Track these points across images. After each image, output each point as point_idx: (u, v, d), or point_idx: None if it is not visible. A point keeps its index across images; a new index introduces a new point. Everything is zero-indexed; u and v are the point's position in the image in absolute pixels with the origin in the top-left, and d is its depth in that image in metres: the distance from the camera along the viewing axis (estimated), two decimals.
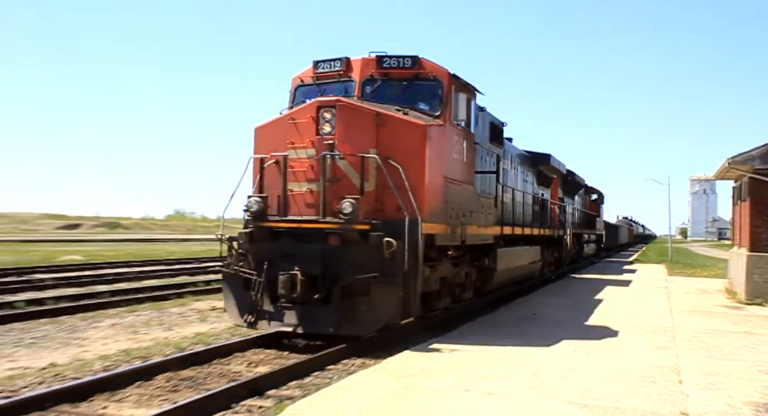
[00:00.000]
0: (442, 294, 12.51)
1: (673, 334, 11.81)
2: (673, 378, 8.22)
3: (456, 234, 12.19)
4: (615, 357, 9.56)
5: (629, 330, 12.31)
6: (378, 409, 6.70)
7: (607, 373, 8.41)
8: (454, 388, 7.53)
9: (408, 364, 8.71)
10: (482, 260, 14.41)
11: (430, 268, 11.58)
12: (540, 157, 21.81)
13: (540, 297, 18.45)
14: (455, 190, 12.09)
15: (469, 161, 12.97)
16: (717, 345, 10.76)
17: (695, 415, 6.56)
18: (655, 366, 8.93)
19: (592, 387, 7.68)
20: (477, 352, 9.57)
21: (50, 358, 9.91)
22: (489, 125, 16.41)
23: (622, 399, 7.10)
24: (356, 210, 9.97)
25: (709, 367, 8.86)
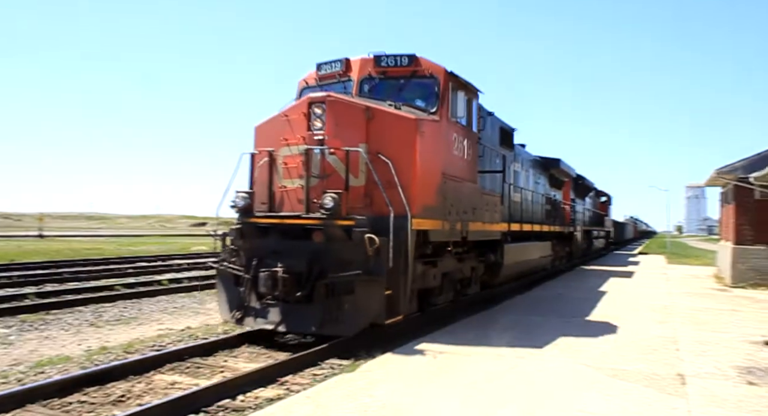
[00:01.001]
0: (444, 290, 9.75)
1: (671, 311, 11.27)
2: (671, 346, 7.88)
3: (456, 230, 9.40)
4: (623, 329, 9.09)
5: (634, 307, 11.68)
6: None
7: (615, 342, 8.07)
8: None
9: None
10: (489, 255, 11.56)
11: (428, 264, 8.85)
12: (551, 162, 18.67)
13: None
14: (455, 187, 9.31)
15: (471, 159, 10.15)
16: (707, 320, 10.31)
17: (689, 375, 6.34)
18: (655, 336, 8.57)
19: (603, 353, 7.36)
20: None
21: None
22: (498, 129, 13.52)
23: (629, 363, 6.85)
24: (338, 205, 7.33)
25: (701, 338, 8.55)
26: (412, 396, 5.30)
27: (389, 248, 7.25)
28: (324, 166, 7.96)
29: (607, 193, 36.04)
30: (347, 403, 5.04)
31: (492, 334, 8.29)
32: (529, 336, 8.28)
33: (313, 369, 6.69)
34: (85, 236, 57.21)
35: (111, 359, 7.12)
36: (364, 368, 6.24)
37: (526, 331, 8.64)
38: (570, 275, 19.58)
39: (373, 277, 7.21)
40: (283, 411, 4.87)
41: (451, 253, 9.88)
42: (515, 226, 13.24)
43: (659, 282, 17.90)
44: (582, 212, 26.11)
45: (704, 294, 14.52)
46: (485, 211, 10.89)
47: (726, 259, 18.31)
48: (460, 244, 10.25)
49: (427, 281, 8.90)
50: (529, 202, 15.75)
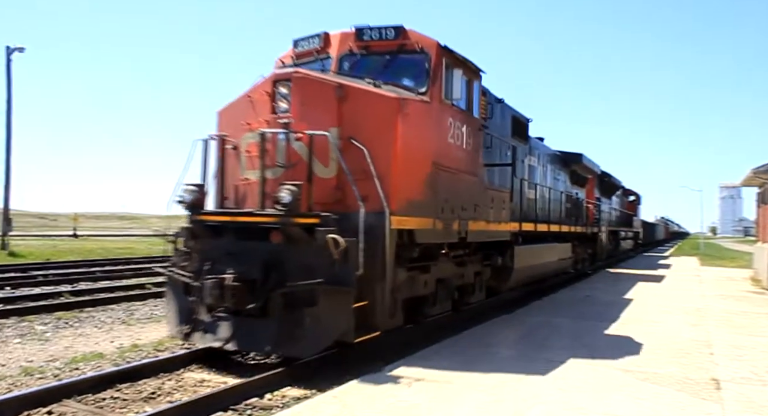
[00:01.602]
0: (439, 298, 8.39)
1: (705, 314, 10.70)
2: (705, 350, 7.55)
3: (452, 230, 8.04)
4: (654, 332, 8.67)
5: (667, 310, 11.11)
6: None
7: (647, 346, 7.70)
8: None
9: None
10: (495, 258, 10.15)
11: (416, 270, 7.52)
12: (572, 157, 17.08)
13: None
14: (450, 180, 7.95)
15: (472, 149, 8.77)
16: (743, 324, 9.81)
17: (724, 380, 6.02)
18: (689, 340, 8.20)
19: (635, 356, 7.05)
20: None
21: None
22: (510, 119, 12.08)
23: (661, 367, 6.55)
24: (296, 199, 6.04)
25: (736, 342, 8.17)
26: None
27: (358, 251, 5.95)
28: (290, 154, 6.70)
29: (636, 192, 34.00)
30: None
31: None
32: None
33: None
34: (117, 236, 57.57)
35: (142, 356, 7.21)
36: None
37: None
38: (593, 279, 17.95)
39: (338, 287, 5.91)
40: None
41: (448, 256, 8.53)
42: (528, 226, 11.78)
43: (692, 284, 16.87)
44: (608, 212, 24.36)
45: (740, 297, 13.74)
46: (490, 209, 9.49)
47: (763, 261, 17.45)
48: (460, 246, 8.89)
49: (416, 289, 7.56)
50: (547, 200, 14.24)
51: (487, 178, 10.40)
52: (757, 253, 20.69)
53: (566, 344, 7.58)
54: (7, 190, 27.82)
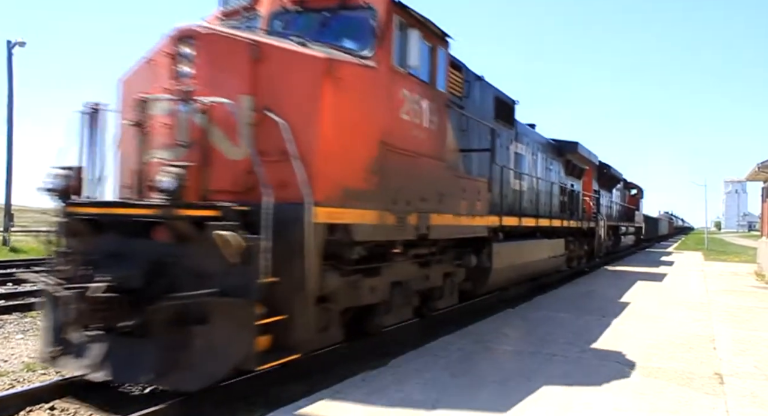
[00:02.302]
0: (395, 306, 6.99)
1: (709, 309, 10.60)
2: (708, 345, 7.38)
3: (407, 225, 6.61)
4: (658, 327, 8.56)
5: (670, 305, 10.97)
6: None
7: (651, 340, 7.55)
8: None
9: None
10: (468, 258, 8.72)
11: (358, 273, 6.11)
12: (566, 146, 15.59)
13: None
14: (406, 165, 6.52)
15: (436, 129, 7.33)
16: (747, 318, 9.71)
17: (727, 375, 5.91)
18: (692, 334, 8.07)
19: (638, 351, 6.86)
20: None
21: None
22: (493, 100, 10.65)
23: (665, 361, 6.40)
24: (181, 184, 4.64)
25: (740, 337, 8.01)
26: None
27: (263, 252, 4.54)
28: (193, 130, 5.29)
29: (638, 185, 32.38)
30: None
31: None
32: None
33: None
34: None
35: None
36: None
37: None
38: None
39: (236, 299, 4.52)
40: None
41: (406, 256, 7.13)
42: (511, 220, 10.34)
43: (696, 279, 16.51)
44: (608, 205, 22.87)
45: (744, 292, 13.52)
46: (461, 200, 8.06)
47: (767, 256, 17.27)
48: (424, 244, 7.49)
49: (359, 296, 6.16)
50: (535, 191, 12.79)
51: (463, 165, 9.01)
52: (761, 248, 20.60)
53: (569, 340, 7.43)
54: (9, 186, 26.60)
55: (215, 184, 5.17)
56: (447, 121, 7.69)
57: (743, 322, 9.23)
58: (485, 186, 8.99)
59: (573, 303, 10.98)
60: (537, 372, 5.79)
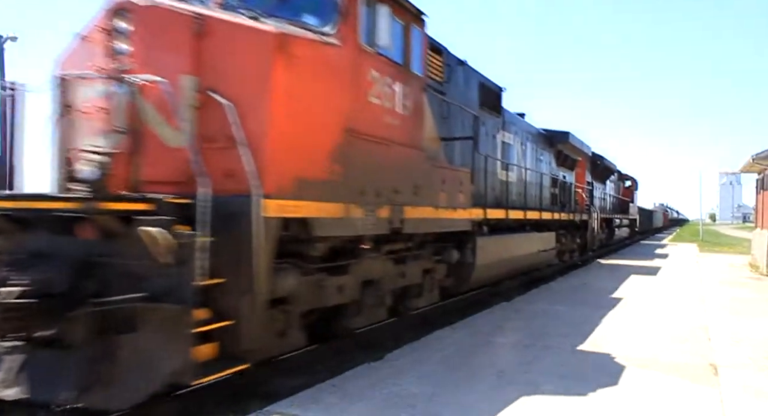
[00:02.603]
0: (365, 306, 6.43)
1: (703, 301, 10.47)
2: (703, 336, 7.36)
3: (378, 219, 6.03)
4: (653, 320, 8.41)
5: (665, 297, 10.82)
6: None
7: (646, 331, 7.51)
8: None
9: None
10: (449, 253, 8.17)
11: (324, 272, 5.57)
12: (557, 136, 15.03)
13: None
14: (375, 153, 5.94)
15: (411, 115, 6.74)
16: (741, 309, 9.68)
17: (722, 366, 5.88)
18: (687, 326, 7.92)
19: (633, 343, 6.83)
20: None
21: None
22: (477, 86, 10.08)
23: (660, 353, 6.37)
24: (105, 174, 4.06)
25: (734, 328, 7.95)
26: None
27: (197, 251, 3.98)
28: (131, 114, 4.71)
29: (632, 177, 31.82)
30: None
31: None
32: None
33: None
34: None
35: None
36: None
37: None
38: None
39: (169, 304, 3.95)
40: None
41: (380, 252, 6.59)
42: (497, 213, 9.78)
43: (690, 271, 16.41)
44: (601, 197, 22.34)
45: (738, 283, 13.43)
46: (440, 192, 7.50)
47: (762, 247, 17.11)
48: (400, 239, 6.94)
49: (324, 297, 5.61)
50: (524, 183, 12.24)
51: (445, 155, 8.46)
52: (755, 239, 20.44)
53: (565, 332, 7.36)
54: (11, 177, 25.93)
55: (152, 174, 4.60)
56: (424, 106, 7.11)
57: (737, 314, 9.18)
58: (468, 176, 8.42)
59: (566, 297, 10.65)
60: (533, 365, 5.75)
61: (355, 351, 6.30)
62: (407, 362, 5.69)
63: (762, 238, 17.63)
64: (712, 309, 9.52)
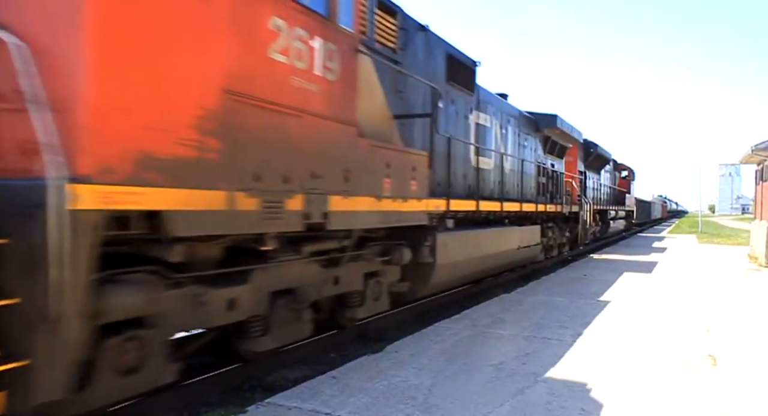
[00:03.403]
0: (274, 323, 5.01)
1: (702, 292, 10.11)
2: (701, 326, 7.21)
3: (283, 212, 4.62)
4: (651, 310, 8.19)
5: (662, 288, 10.52)
6: None
7: (644, 323, 7.33)
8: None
9: None
10: (398, 253, 6.73)
11: (204, 284, 4.16)
12: (544, 119, 13.54)
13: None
14: (279, 125, 4.50)
15: (338, 80, 5.28)
16: (740, 300, 9.38)
17: (720, 356, 5.80)
18: (685, 317, 7.78)
19: (631, 334, 6.71)
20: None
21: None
22: (444, 58, 8.64)
23: (659, 344, 6.25)
24: None
25: (733, 318, 7.82)
26: None
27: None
28: None
29: (629, 167, 30.26)
30: None
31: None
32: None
33: None
34: None
35: None
36: None
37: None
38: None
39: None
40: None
41: (300, 253, 5.18)
42: (464, 204, 8.34)
43: (689, 262, 16.05)
44: (595, 188, 20.88)
45: (736, 274, 13.28)
46: (384, 178, 6.06)
47: (760, 238, 16.88)
48: (332, 237, 5.54)
49: (204, 316, 4.20)
50: (505, 171, 10.80)
51: (400, 135, 7.05)
52: (754, 230, 20.16)
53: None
54: None
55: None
56: (357, 72, 5.65)
57: (737, 304, 9.05)
58: (424, 161, 6.97)
59: (556, 294, 9.46)
60: (532, 356, 5.67)
61: (355, 343, 6.37)
62: (407, 353, 5.62)
63: (761, 229, 17.42)
64: (710, 300, 9.29)
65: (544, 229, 12.87)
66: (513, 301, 8.74)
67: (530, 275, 12.39)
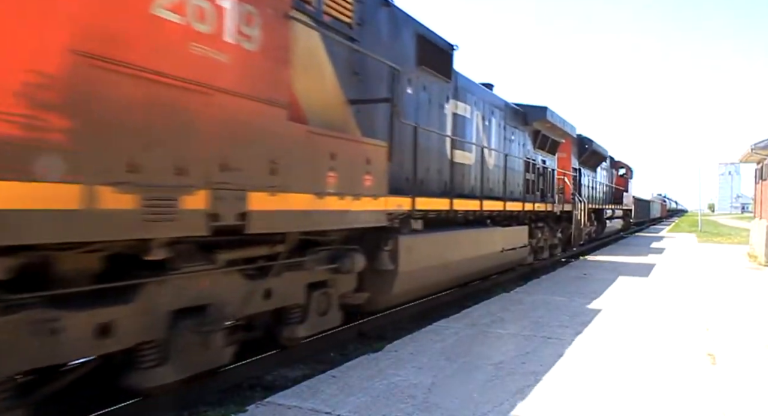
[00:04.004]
0: (177, 350, 4.02)
1: (701, 290, 9.87)
2: (701, 325, 7.04)
3: (178, 214, 3.63)
4: (651, 310, 8.00)
5: (662, 287, 10.18)
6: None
7: (643, 322, 7.19)
8: None
9: None
10: (351, 259, 5.71)
11: (47, 307, 3.16)
12: (533, 112, 12.50)
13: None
14: (170, 101, 3.50)
15: (260, 50, 4.25)
16: (740, 299, 9.15)
17: (720, 355, 5.69)
18: (685, 316, 7.62)
19: (630, 332, 6.58)
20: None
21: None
22: (415, 38, 7.65)
23: (658, 342, 6.15)
24: None
25: (733, 317, 7.63)
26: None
27: None
28: None
29: (627, 165, 29.14)
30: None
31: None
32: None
33: None
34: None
35: None
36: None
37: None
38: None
39: None
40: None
41: (214, 263, 4.19)
42: (434, 203, 7.33)
43: (689, 261, 15.74)
44: (591, 186, 19.88)
45: (736, 273, 13.04)
46: (327, 172, 5.06)
47: (760, 237, 16.66)
48: (259, 242, 4.56)
49: (56, 349, 3.21)
50: (486, 166, 9.80)
51: (358, 124, 6.09)
52: (753, 229, 19.82)
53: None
54: None
55: None
56: (289, 43, 4.65)
57: (736, 303, 8.86)
58: (382, 153, 5.96)
59: (555, 293, 8.91)
60: (532, 355, 5.60)
61: (355, 342, 6.31)
62: (407, 353, 5.56)
63: (761, 228, 17.08)
64: (709, 299, 9.08)
65: (532, 230, 11.86)
66: (513, 300, 8.60)
67: (530, 274, 12.06)
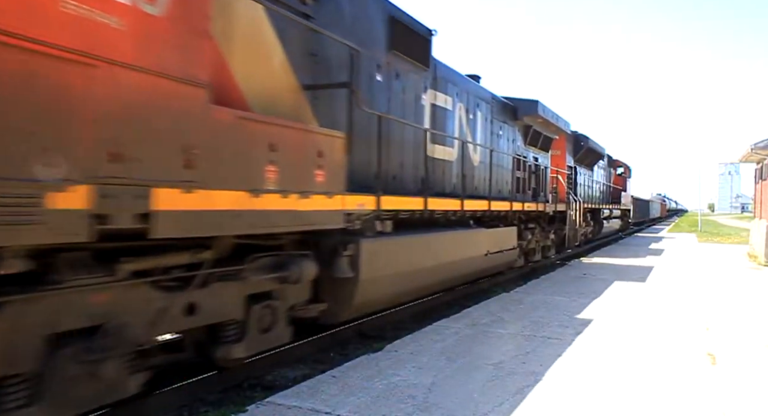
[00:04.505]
0: (58, 384, 3.25)
1: (701, 290, 9.74)
2: (701, 325, 6.99)
3: (47, 215, 2.86)
4: (651, 310, 7.92)
5: (663, 287, 10.10)
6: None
7: (644, 322, 7.12)
8: None
9: None
10: (299, 266, 4.94)
11: None
12: (523, 106, 11.69)
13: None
14: (50, 76, 2.76)
15: (168, 17, 3.50)
16: (740, 299, 9.07)
17: (719, 355, 5.66)
18: (685, 316, 7.56)
19: (630, 332, 6.53)
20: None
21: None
22: (387, 21, 6.89)
23: (658, 342, 6.10)
24: None
25: (732, 317, 7.58)
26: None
27: None
28: None
29: (625, 163, 28.29)
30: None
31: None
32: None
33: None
34: None
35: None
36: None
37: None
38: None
39: None
40: None
41: (113, 274, 3.43)
42: (406, 203, 6.53)
43: (689, 261, 15.51)
44: (587, 185, 19.08)
45: (736, 273, 12.90)
46: (264, 164, 4.28)
47: (760, 237, 16.52)
48: (179, 248, 3.80)
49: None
50: (473, 163, 9.02)
51: (313, 112, 5.32)
52: (753, 229, 19.61)
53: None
54: None
55: None
56: (208, 7, 3.88)
57: (736, 303, 8.79)
58: (339, 144, 5.18)
59: (555, 293, 8.53)
60: (532, 355, 5.53)
61: (355, 342, 6.29)
62: (407, 352, 5.51)
63: (761, 228, 16.93)
64: (709, 299, 8.99)
65: (522, 231, 11.08)
66: (513, 300, 8.52)
67: (530, 274, 11.96)
